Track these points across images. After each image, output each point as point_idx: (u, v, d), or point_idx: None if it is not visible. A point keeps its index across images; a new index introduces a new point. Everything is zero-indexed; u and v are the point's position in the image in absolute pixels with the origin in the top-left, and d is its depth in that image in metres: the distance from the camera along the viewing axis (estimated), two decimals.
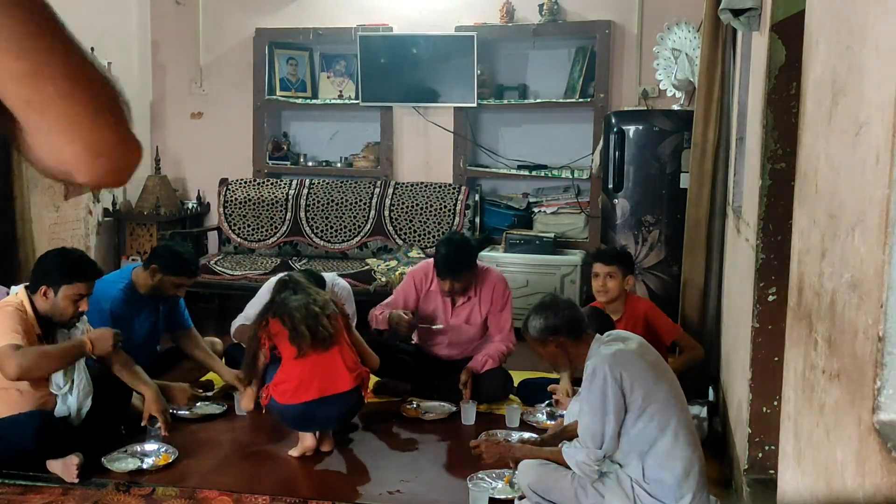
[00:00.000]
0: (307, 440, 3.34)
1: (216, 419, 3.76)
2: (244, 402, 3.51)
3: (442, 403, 3.93)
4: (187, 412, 3.75)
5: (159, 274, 3.79)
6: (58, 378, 3.18)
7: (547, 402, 3.81)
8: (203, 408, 3.83)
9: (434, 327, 4.10)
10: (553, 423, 3.61)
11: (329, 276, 4.31)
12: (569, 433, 2.82)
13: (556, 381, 3.78)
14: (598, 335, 2.72)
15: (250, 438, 3.59)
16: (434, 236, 5.64)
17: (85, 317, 3.37)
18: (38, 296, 3.15)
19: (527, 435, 3.50)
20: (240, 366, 3.77)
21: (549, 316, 2.72)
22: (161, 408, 3.43)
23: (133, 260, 5.75)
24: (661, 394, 2.56)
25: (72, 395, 3.22)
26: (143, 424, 3.41)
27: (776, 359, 2.61)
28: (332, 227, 5.83)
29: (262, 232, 5.89)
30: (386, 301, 4.21)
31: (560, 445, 2.72)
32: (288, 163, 6.30)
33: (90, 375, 3.36)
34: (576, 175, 5.78)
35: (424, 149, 6.07)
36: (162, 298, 3.91)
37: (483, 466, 3.06)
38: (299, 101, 6.27)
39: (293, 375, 3.28)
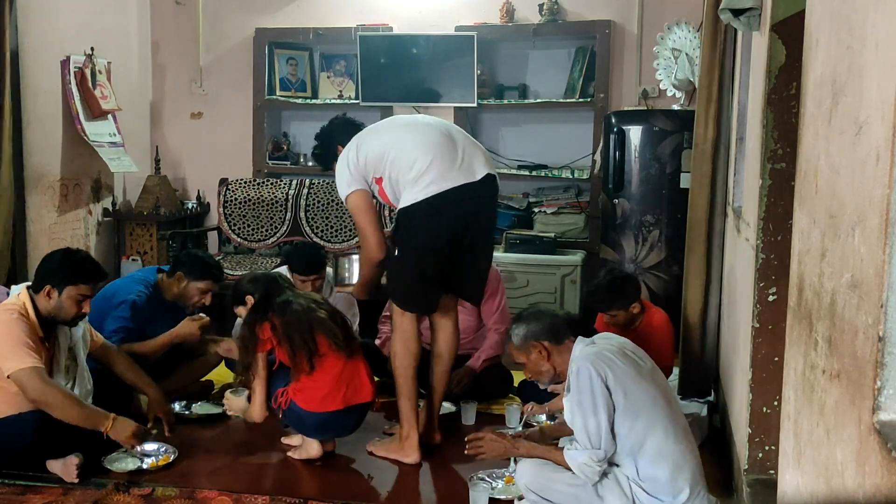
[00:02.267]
0: (312, 449, 3.32)
1: (216, 419, 3.76)
2: (256, 411, 3.28)
3: (441, 403, 3.93)
4: (187, 412, 3.76)
5: (185, 280, 3.81)
6: (58, 377, 3.18)
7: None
8: (203, 408, 3.84)
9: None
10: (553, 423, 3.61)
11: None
12: (569, 428, 2.82)
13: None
14: (580, 337, 2.74)
15: (250, 438, 3.58)
16: None
17: (86, 317, 3.37)
18: (42, 295, 3.14)
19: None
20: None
21: (531, 323, 2.77)
22: (165, 409, 3.45)
23: (133, 260, 5.75)
24: (647, 392, 2.57)
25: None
26: (148, 426, 3.40)
27: (776, 359, 2.62)
28: (332, 227, 5.83)
29: (262, 232, 5.89)
30: (387, 311, 4.22)
31: (562, 446, 2.72)
32: (288, 163, 6.30)
33: (91, 375, 3.37)
34: (576, 175, 5.79)
35: None
36: (184, 308, 3.90)
37: (483, 466, 3.06)
38: (299, 101, 6.27)
39: (322, 383, 3.19)
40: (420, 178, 3.17)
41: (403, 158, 3.21)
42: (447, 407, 3.89)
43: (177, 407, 3.77)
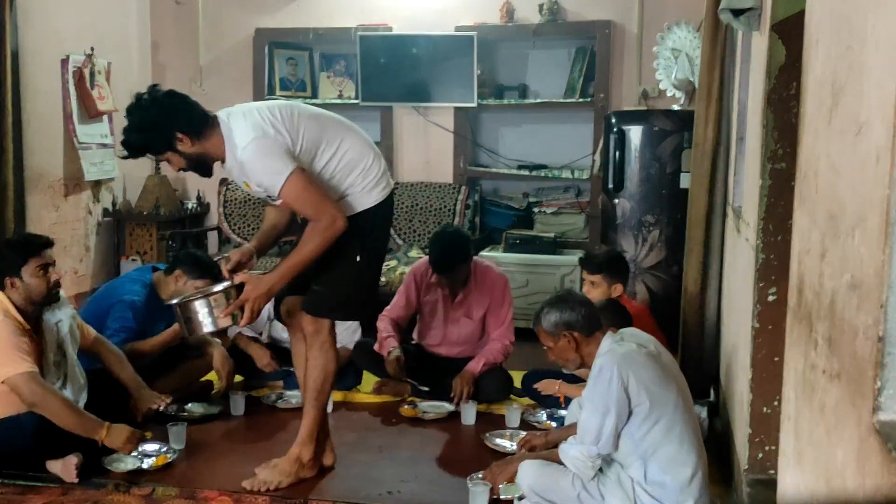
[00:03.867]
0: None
1: (215, 419, 3.76)
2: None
3: (442, 403, 3.93)
4: (185, 412, 3.76)
5: (184, 278, 3.83)
6: (48, 374, 3.16)
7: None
8: (199, 408, 3.84)
9: (421, 388, 4.05)
10: (554, 423, 3.62)
11: None
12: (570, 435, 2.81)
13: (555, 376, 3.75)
14: (610, 332, 2.70)
15: (250, 438, 3.59)
16: None
17: (72, 308, 3.39)
18: (9, 290, 3.14)
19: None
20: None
21: (566, 310, 2.69)
22: (143, 413, 3.47)
23: (133, 260, 5.75)
24: (670, 398, 2.54)
25: (66, 391, 3.21)
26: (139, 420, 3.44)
27: (776, 359, 2.61)
28: None
29: None
30: (389, 305, 4.21)
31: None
32: None
33: (83, 371, 3.37)
34: (576, 175, 5.79)
35: (424, 149, 6.07)
36: None
37: (482, 465, 3.06)
38: (299, 101, 6.25)
39: None
40: (379, 179, 3.02)
41: (357, 156, 3.01)
42: (447, 407, 3.89)
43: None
